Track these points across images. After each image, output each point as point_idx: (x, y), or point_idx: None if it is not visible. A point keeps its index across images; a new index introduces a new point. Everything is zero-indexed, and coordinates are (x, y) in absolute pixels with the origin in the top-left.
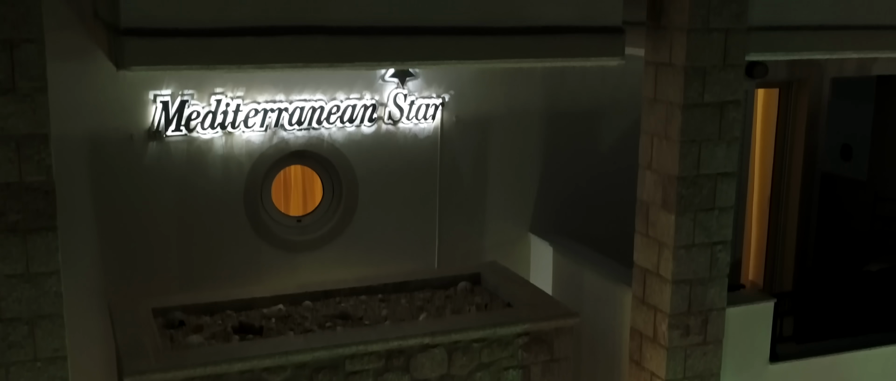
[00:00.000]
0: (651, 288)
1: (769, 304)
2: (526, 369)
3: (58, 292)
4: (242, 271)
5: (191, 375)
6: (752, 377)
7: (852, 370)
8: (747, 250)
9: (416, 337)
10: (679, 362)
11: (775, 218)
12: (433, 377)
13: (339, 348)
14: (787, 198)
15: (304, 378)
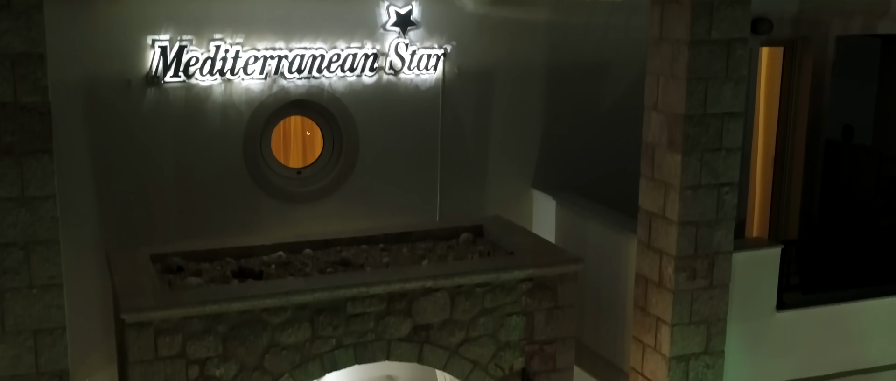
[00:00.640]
0: (657, 231)
1: (776, 250)
2: (529, 315)
3: (54, 218)
4: (241, 221)
5: (189, 314)
6: (759, 325)
7: (859, 320)
8: (751, 210)
9: (419, 280)
10: (685, 306)
11: (780, 178)
12: (435, 321)
13: (339, 289)
14: (792, 158)
15: (305, 320)
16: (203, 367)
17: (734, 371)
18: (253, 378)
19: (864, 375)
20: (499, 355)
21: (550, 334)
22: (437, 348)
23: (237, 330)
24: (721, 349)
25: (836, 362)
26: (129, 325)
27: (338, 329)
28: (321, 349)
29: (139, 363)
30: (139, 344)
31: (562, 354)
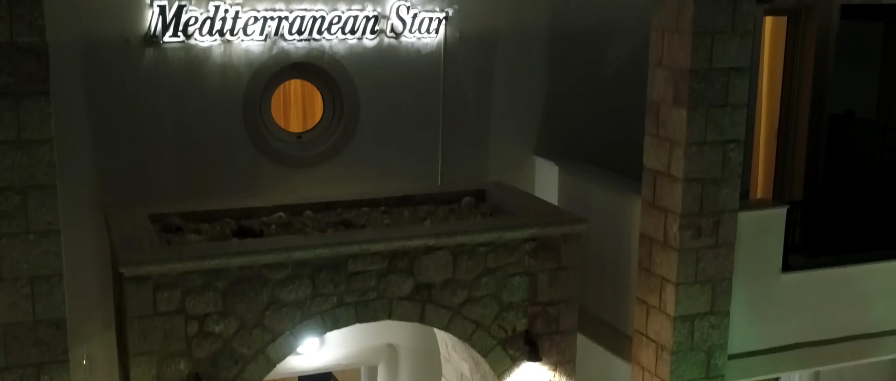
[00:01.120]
0: (662, 189)
1: (782, 210)
2: (532, 276)
3: (51, 162)
4: (241, 184)
5: (188, 268)
6: (764, 287)
7: (865, 284)
8: (755, 180)
9: (420, 238)
10: (690, 265)
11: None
12: (437, 280)
13: (341, 246)
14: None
15: (306, 277)
16: (202, 323)
17: (739, 333)
18: (253, 336)
19: (869, 339)
20: (501, 316)
21: (554, 295)
22: (439, 307)
23: (237, 286)
24: (726, 309)
25: (842, 326)
26: (128, 279)
27: (339, 287)
28: (322, 306)
29: (138, 318)
30: (137, 299)
31: (565, 315)
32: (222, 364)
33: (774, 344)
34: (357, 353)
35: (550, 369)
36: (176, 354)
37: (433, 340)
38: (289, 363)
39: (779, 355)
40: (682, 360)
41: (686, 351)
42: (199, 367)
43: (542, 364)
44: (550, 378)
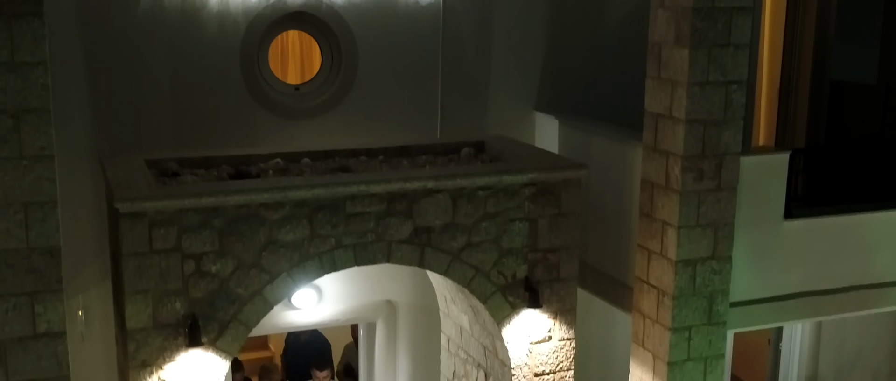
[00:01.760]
0: (663, 132)
1: (784, 156)
2: (533, 221)
3: (45, 85)
4: (238, 134)
5: (184, 206)
6: (767, 233)
7: (868, 233)
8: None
9: (419, 181)
10: (692, 208)
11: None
12: (437, 224)
13: (338, 187)
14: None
15: (303, 217)
16: (199, 262)
17: (741, 281)
18: (250, 276)
19: (872, 290)
20: (501, 261)
21: (554, 241)
22: (439, 252)
23: (234, 225)
24: (728, 254)
25: (845, 276)
26: (123, 215)
27: (337, 228)
28: (320, 248)
29: (133, 255)
30: (133, 236)
31: (566, 263)
32: (219, 305)
33: (777, 293)
34: (355, 309)
35: (550, 317)
36: (172, 293)
37: (432, 296)
38: (286, 318)
39: (781, 303)
40: (684, 305)
41: (688, 296)
42: (195, 307)
43: (542, 312)
44: (550, 327)
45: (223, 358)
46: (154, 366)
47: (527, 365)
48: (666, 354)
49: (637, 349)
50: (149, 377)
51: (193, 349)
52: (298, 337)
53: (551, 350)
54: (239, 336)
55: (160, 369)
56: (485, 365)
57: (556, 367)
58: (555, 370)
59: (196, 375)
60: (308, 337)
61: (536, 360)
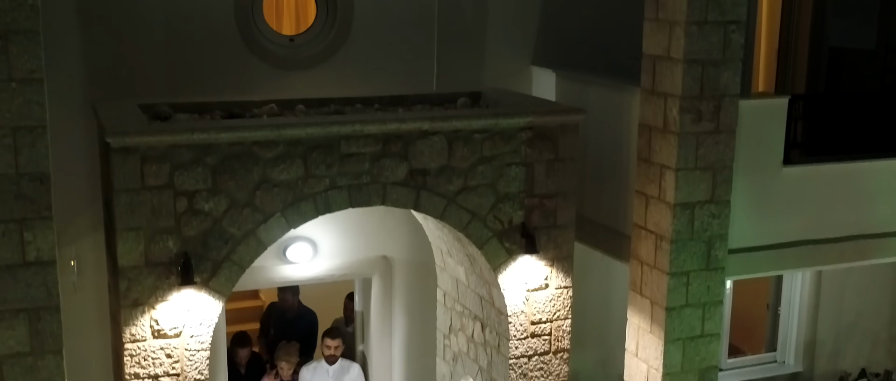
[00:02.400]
0: (661, 74)
1: (783, 100)
2: (529, 166)
3: (34, 6)
4: (232, 84)
5: (177, 141)
6: (765, 180)
7: (868, 182)
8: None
9: (415, 122)
10: (690, 149)
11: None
12: (432, 166)
13: (333, 126)
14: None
15: (297, 157)
16: (192, 200)
17: (740, 228)
18: (243, 215)
19: (872, 240)
20: (498, 206)
21: (551, 187)
22: (434, 195)
23: (227, 163)
24: (727, 198)
25: (844, 225)
26: (115, 150)
27: (332, 168)
28: (314, 188)
29: (125, 191)
30: (125, 171)
31: (563, 209)
32: (212, 244)
33: (775, 241)
34: (351, 264)
35: (547, 264)
36: (164, 231)
37: (428, 252)
38: (281, 273)
39: (780, 251)
40: (682, 249)
41: (686, 241)
42: (187, 246)
43: (539, 259)
44: (547, 274)
45: (216, 299)
46: (146, 306)
47: (523, 313)
48: (664, 299)
49: (635, 296)
50: (141, 317)
51: (186, 289)
52: (283, 315)
53: (548, 298)
54: (232, 277)
55: (152, 308)
56: (481, 316)
57: (554, 315)
58: (552, 318)
59: (189, 316)
60: (295, 315)
61: (533, 308)
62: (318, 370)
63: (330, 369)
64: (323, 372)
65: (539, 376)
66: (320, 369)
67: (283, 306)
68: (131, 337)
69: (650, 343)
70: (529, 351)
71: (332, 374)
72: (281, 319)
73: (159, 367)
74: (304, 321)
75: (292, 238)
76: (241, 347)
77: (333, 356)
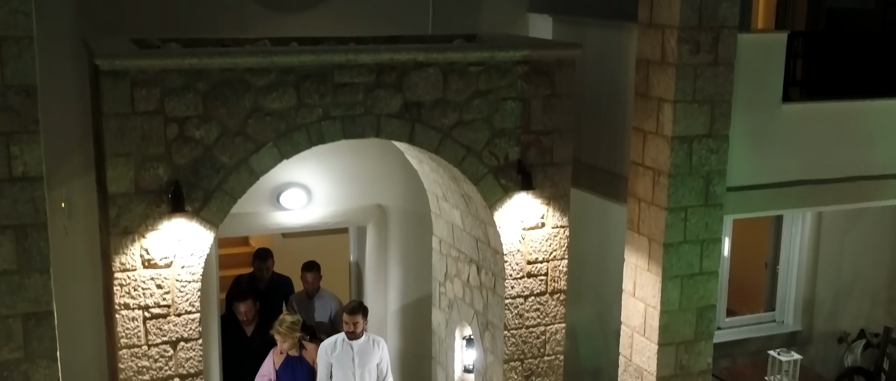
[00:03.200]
0: (659, 5)
1: (782, 35)
2: (525, 101)
3: None
4: (224, 25)
5: (167, 66)
6: (764, 117)
7: (867, 122)
8: None
9: (409, 53)
10: (688, 82)
11: None
12: (427, 99)
13: (326, 55)
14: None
15: (290, 85)
16: (182, 126)
17: (738, 165)
18: (235, 144)
19: (872, 181)
20: (493, 142)
21: (547, 124)
22: (429, 128)
23: (218, 89)
24: (725, 133)
25: (844, 166)
26: (104, 74)
27: (325, 98)
28: (307, 118)
29: (114, 116)
30: (114, 95)
31: (559, 146)
32: (203, 173)
33: (774, 180)
34: (345, 212)
35: (544, 203)
36: (154, 158)
37: (424, 202)
38: (275, 219)
39: (779, 190)
40: (680, 184)
41: (684, 175)
42: (178, 174)
43: (535, 197)
44: (544, 213)
45: (208, 229)
46: (136, 234)
47: (519, 252)
48: (662, 235)
49: (632, 235)
50: (131, 246)
51: (177, 218)
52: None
53: (544, 237)
54: (224, 207)
55: (143, 237)
56: (477, 259)
57: (550, 255)
58: (548, 258)
59: (180, 246)
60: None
61: (529, 247)
62: (341, 348)
63: (354, 344)
64: (346, 349)
65: (535, 317)
66: (344, 346)
67: (256, 277)
68: (121, 266)
69: (648, 282)
70: (525, 291)
71: (356, 350)
72: (252, 290)
73: (150, 298)
74: (282, 289)
75: (286, 184)
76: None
77: (353, 332)
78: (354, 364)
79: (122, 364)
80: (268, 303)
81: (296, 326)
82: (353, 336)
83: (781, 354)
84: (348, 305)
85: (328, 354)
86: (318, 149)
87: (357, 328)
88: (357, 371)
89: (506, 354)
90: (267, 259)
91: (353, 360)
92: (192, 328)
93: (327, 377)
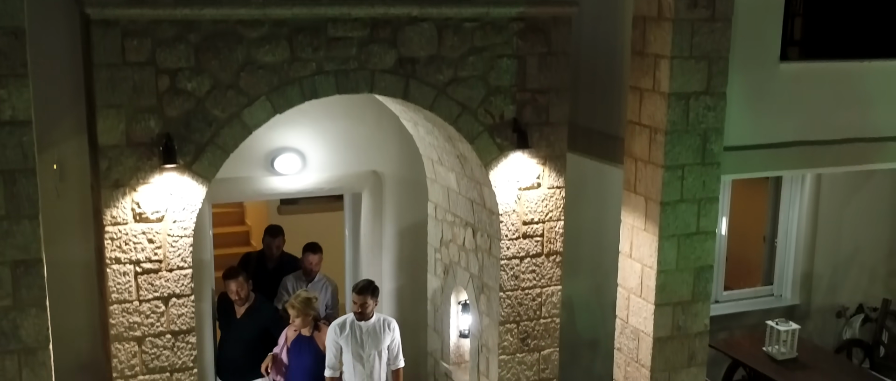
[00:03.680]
0: None
1: None
2: (521, 59)
3: None
4: None
5: (158, 16)
6: (762, 76)
7: (866, 83)
8: None
9: (404, 6)
10: (685, 37)
11: None
12: (421, 55)
13: (320, 7)
14: None
15: (283, 38)
16: (174, 78)
17: (736, 125)
18: (227, 97)
19: (870, 143)
20: (489, 100)
21: (543, 82)
22: (424, 84)
23: (210, 41)
24: (723, 90)
25: (842, 127)
26: (95, 22)
27: (318, 52)
28: (300, 72)
29: (105, 66)
30: (105, 45)
31: (555, 106)
32: (195, 126)
33: (772, 140)
34: (340, 178)
35: (539, 162)
36: (146, 110)
37: (419, 169)
38: (270, 184)
39: (776, 151)
40: (677, 142)
41: (681, 133)
42: (170, 127)
43: (531, 157)
44: (539, 173)
45: (200, 183)
46: (127, 187)
47: (515, 212)
48: (658, 194)
49: (629, 195)
50: (122, 199)
51: (168, 172)
52: (263, 265)
53: (540, 198)
54: (216, 161)
55: (134, 190)
56: (472, 221)
57: (546, 216)
58: (544, 219)
59: (172, 200)
60: (278, 263)
61: (525, 207)
62: (350, 329)
63: (363, 326)
64: (355, 330)
65: (531, 279)
66: (353, 327)
67: (266, 254)
68: (112, 220)
69: (644, 241)
70: (521, 252)
71: (365, 332)
72: (261, 269)
73: (141, 252)
74: (291, 269)
75: (280, 149)
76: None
77: (361, 312)
78: (364, 346)
79: (114, 320)
80: (276, 283)
81: (311, 303)
82: (362, 317)
83: (779, 323)
84: (357, 284)
85: (337, 335)
86: (313, 114)
87: (365, 309)
88: (367, 353)
89: (501, 315)
90: (277, 236)
91: (363, 342)
92: (184, 284)
93: (336, 359)
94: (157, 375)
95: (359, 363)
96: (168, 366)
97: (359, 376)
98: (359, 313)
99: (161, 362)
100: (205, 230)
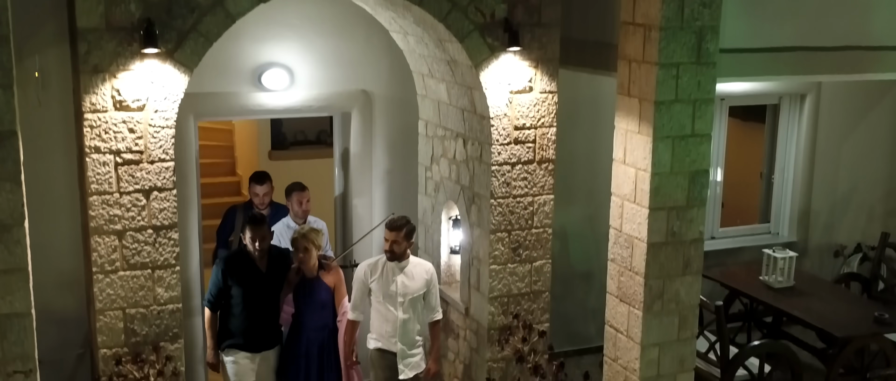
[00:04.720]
0: None
1: None
2: None
3: None
4: None
5: None
6: None
7: None
8: None
9: None
10: None
11: None
12: None
13: None
14: None
15: None
16: None
17: (732, 27)
18: None
19: (869, 52)
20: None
21: None
22: None
23: None
24: None
25: (840, 34)
26: None
27: None
28: None
29: None
30: None
31: (547, 6)
32: (176, 12)
33: (769, 44)
34: (329, 96)
35: (531, 65)
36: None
37: (409, 87)
38: (257, 100)
39: (773, 55)
40: (672, 39)
41: (675, 29)
42: (151, 11)
43: (523, 59)
44: (531, 76)
45: (182, 72)
46: (107, 73)
47: (506, 116)
48: (653, 93)
49: (623, 99)
50: (101, 85)
51: (149, 58)
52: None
53: (532, 102)
54: (199, 49)
55: (114, 77)
56: (463, 131)
57: (538, 122)
58: (536, 124)
59: (153, 88)
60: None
61: (516, 112)
62: (382, 269)
63: (396, 268)
64: (386, 272)
65: (523, 186)
66: (385, 269)
67: (254, 204)
68: (91, 107)
69: (638, 144)
70: (512, 158)
71: (399, 275)
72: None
73: (122, 142)
74: (279, 218)
75: (268, 64)
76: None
77: (392, 252)
78: (395, 291)
79: (93, 212)
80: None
81: (319, 234)
82: (393, 256)
83: (776, 251)
84: (392, 219)
85: (367, 276)
86: (302, 29)
87: (397, 248)
88: (397, 300)
89: (492, 224)
90: (264, 182)
91: (395, 287)
92: (166, 177)
93: (363, 300)
94: (138, 271)
95: (390, 309)
96: (149, 262)
97: (390, 323)
98: (388, 251)
99: (142, 257)
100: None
